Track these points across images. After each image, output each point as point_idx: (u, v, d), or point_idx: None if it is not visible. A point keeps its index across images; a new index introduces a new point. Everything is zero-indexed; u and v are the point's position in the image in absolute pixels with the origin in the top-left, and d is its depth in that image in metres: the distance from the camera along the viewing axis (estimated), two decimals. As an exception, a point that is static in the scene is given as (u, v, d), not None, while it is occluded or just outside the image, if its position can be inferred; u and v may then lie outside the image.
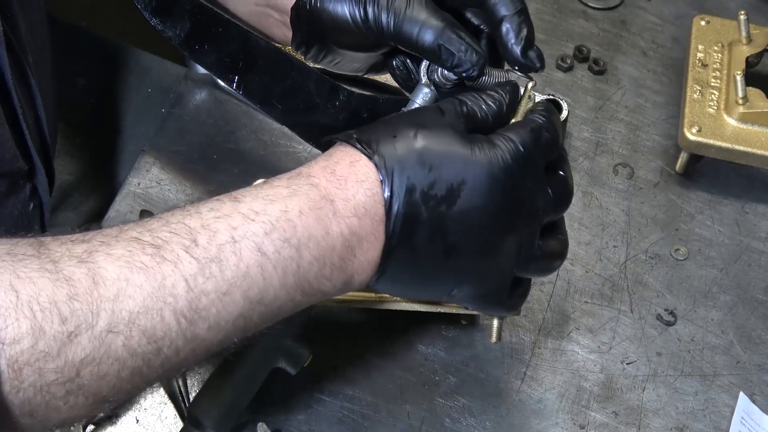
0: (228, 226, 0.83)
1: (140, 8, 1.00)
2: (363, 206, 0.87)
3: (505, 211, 0.90)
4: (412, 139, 0.88)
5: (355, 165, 0.87)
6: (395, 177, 0.87)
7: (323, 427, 1.09)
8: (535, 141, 0.91)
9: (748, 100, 1.28)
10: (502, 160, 0.89)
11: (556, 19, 1.47)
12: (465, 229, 0.89)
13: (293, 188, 0.86)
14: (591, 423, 1.12)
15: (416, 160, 0.87)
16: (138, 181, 1.26)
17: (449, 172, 0.88)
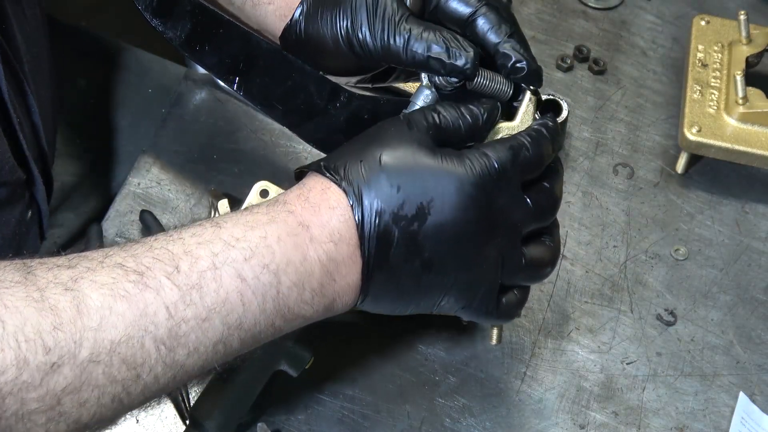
0: (209, 252, 0.84)
1: (141, 9, 1.00)
2: (338, 232, 0.88)
3: (478, 224, 0.91)
4: (378, 161, 0.89)
5: (326, 192, 0.89)
6: (364, 201, 0.88)
7: (323, 427, 1.09)
8: (512, 158, 0.92)
9: (748, 100, 1.28)
10: (471, 174, 0.90)
11: (556, 19, 1.47)
12: (439, 244, 0.90)
13: (272, 215, 0.88)
14: (591, 423, 1.12)
15: (383, 182, 0.89)
16: (138, 181, 1.26)
17: (417, 190, 0.89)
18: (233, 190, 1.23)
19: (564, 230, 1.26)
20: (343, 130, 1.06)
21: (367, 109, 1.05)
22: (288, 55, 1.04)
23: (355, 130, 1.05)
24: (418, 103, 1.02)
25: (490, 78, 1.01)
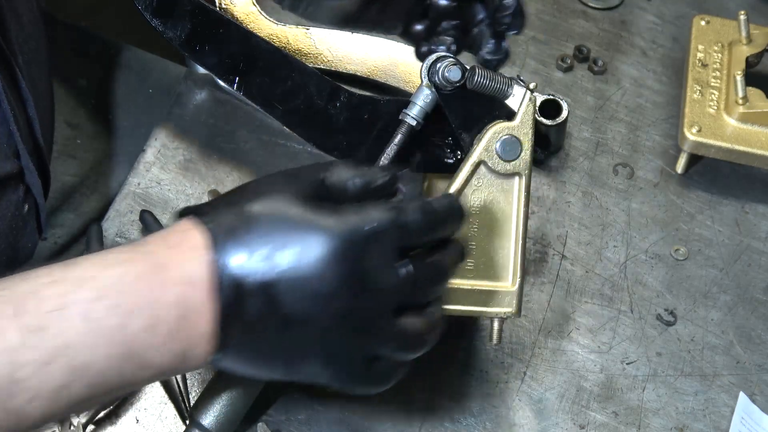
0: (57, 292, 0.80)
1: (140, 9, 1.00)
2: (194, 274, 0.83)
3: (341, 284, 0.85)
4: (248, 207, 0.86)
5: (187, 233, 0.85)
6: (226, 245, 0.84)
7: (323, 427, 1.09)
8: (391, 221, 0.87)
9: (748, 100, 1.28)
10: (339, 230, 0.85)
11: (556, 19, 1.47)
12: (299, 300, 0.85)
13: (129, 254, 0.84)
14: (591, 423, 1.12)
15: (249, 232, 0.84)
16: (138, 181, 1.26)
17: (280, 241, 0.85)
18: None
19: (564, 230, 1.26)
20: (344, 130, 1.06)
21: (367, 109, 1.05)
22: (289, 54, 1.04)
23: (355, 130, 1.05)
24: (419, 103, 1.02)
25: (490, 77, 1.01)
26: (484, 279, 1.04)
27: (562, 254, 1.24)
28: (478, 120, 1.04)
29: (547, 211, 1.28)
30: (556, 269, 1.23)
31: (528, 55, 1.43)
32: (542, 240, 1.25)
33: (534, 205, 1.28)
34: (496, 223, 1.03)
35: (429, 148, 1.07)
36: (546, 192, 1.30)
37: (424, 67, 1.03)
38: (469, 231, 1.03)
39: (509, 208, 1.03)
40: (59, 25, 1.44)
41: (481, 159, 1.02)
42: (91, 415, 1.06)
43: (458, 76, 1.02)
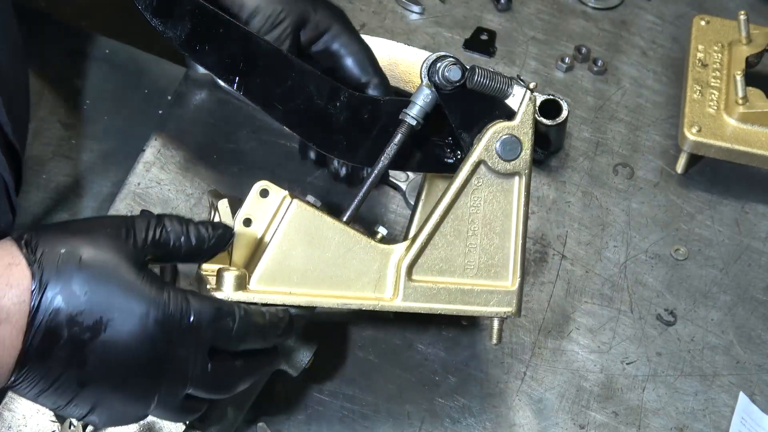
0: None
1: (140, 9, 1.00)
2: (7, 311, 0.84)
3: (147, 363, 0.88)
4: (78, 258, 0.86)
5: (11, 268, 0.85)
6: (47, 292, 0.85)
7: (323, 427, 1.09)
8: (211, 319, 0.90)
9: (748, 100, 1.28)
10: (161, 311, 0.88)
11: (556, 19, 1.47)
12: (102, 364, 0.87)
13: None
14: (591, 423, 1.12)
15: (74, 282, 0.85)
16: (138, 181, 1.26)
17: (102, 304, 0.86)
18: (233, 190, 1.22)
19: (564, 230, 1.26)
20: (343, 130, 1.06)
21: (367, 109, 1.05)
22: (288, 55, 1.04)
23: (355, 129, 1.05)
24: (418, 103, 1.02)
25: (490, 77, 1.01)
26: (484, 279, 1.04)
27: (562, 254, 1.24)
28: (478, 119, 1.04)
29: (547, 211, 1.28)
30: (556, 269, 1.23)
31: (528, 55, 1.43)
32: (542, 240, 1.25)
33: (534, 205, 1.28)
34: (496, 222, 1.03)
35: (429, 148, 1.07)
36: (546, 192, 1.30)
37: (424, 67, 1.03)
38: (469, 231, 1.03)
39: (509, 207, 1.03)
40: (56, 25, 1.45)
41: (481, 158, 1.02)
42: (90, 415, 1.06)
43: (458, 76, 1.02)
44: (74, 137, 1.39)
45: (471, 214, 1.03)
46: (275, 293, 0.99)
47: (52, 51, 1.29)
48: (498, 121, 1.02)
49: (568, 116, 1.29)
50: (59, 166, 1.36)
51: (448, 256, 1.03)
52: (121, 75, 1.45)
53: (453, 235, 1.03)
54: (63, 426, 1.05)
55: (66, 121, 1.39)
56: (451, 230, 1.03)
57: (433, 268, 1.03)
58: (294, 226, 1.00)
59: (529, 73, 1.41)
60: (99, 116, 1.41)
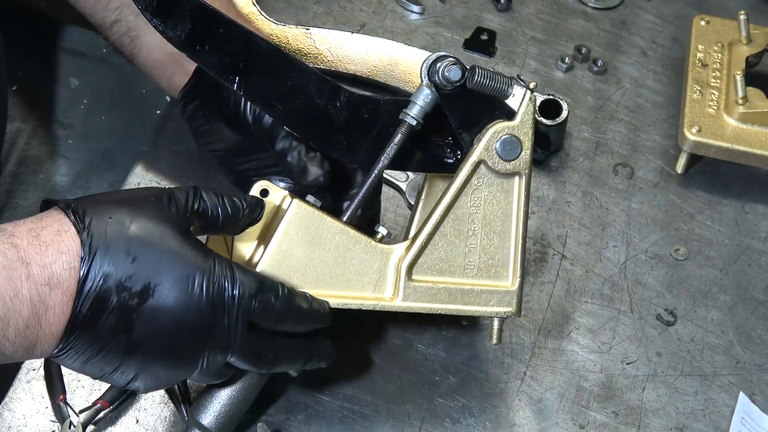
0: None
1: (140, 9, 1.00)
2: (57, 277, 0.86)
3: (191, 329, 0.90)
4: (126, 226, 0.87)
5: (61, 234, 0.87)
6: (96, 258, 0.86)
7: (323, 427, 1.09)
8: (254, 292, 0.92)
9: (748, 100, 1.28)
10: (207, 277, 0.90)
11: (556, 19, 1.47)
12: (151, 330, 0.89)
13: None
14: (591, 423, 1.12)
15: (122, 248, 0.87)
16: (138, 181, 1.26)
17: (150, 269, 0.88)
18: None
19: (564, 230, 1.26)
20: (343, 130, 1.06)
21: (367, 109, 1.06)
22: (289, 54, 1.04)
23: (355, 129, 1.05)
24: (418, 103, 1.02)
25: (490, 77, 1.01)
26: (484, 278, 1.04)
27: (562, 254, 1.24)
28: (478, 119, 1.04)
29: (547, 211, 1.28)
30: (556, 269, 1.23)
31: (528, 55, 1.43)
32: (542, 240, 1.25)
33: (534, 205, 1.28)
34: (496, 222, 1.03)
35: (429, 148, 1.07)
36: (546, 192, 1.30)
37: (424, 67, 1.03)
38: (469, 231, 1.03)
39: (509, 207, 1.04)
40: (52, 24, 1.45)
41: (481, 158, 1.02)
42: (91, 415, 1.06)
43: (458, 76, 1.01)
44: (72, 137, 1.39)
45: (471, 214, 1.03)
46: None
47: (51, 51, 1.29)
48: (498, 120, 1.02)
49: (568, 116, 1.29)
50: (57, 165, 1.36)
51: (448, 256, 1.03)
52: (118, 75, 1.45)
53: (453, 235, 1.03)
54: (63, 426, 1.05)
55: (64, 121, 1.40)
56: (451, 230, 1.03)
57: (433, 268, 1.03)
58: (294, 225, 1.00)
59: (529, 73, 1.41)
60: (97, 116, 1.41)
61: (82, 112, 1.41)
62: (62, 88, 1.41)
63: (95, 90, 1.43)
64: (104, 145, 1.39)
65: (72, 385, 1.08)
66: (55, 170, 1.35)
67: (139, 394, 1.07)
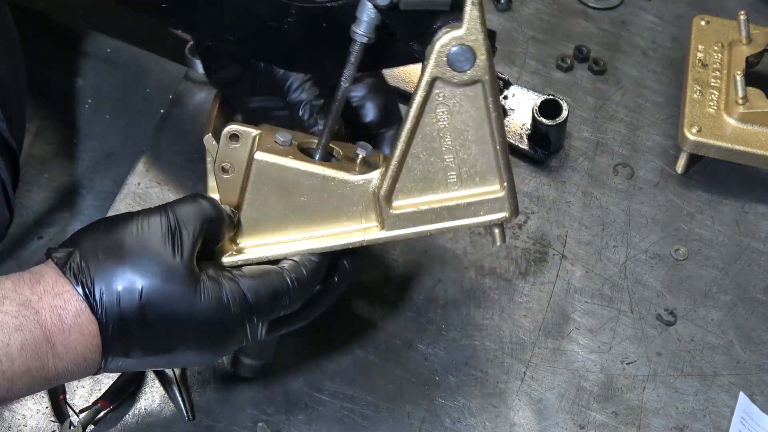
0: None
1: None
2: (83, 356, 0.90)
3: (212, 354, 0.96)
4: (137, 295, 0.90)
5: (80, 317, 0.89)
6: (115, 338, 0.90)
7: (323, 427, 1.09)
8: (269, 308, 0.95)
9: (748, 100, 1.28)
10: (223, 323, 0.93)
11: (556, 19, 1.47)
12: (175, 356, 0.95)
13: (20, 321, 0.88)
14: (591, 423, 1.12)
15: (136, 320, 0.90)
16: (138, 181, 1.26)
17: (166, 332, 0.92)
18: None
19: (564, 230, 1.26)
20: (304, 45, 1.01)
21: (325, 19, 1.00)
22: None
23: (316, 42, 1.00)
24: (364, 19, 0.95)
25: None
26: (470, 188, 0.98)
27: (562, 254, 1.24)
28: (427, 26, 0.94)
29: (547, 211, 1.28)
30: (556, 269, 1.23)
31: (528, 55, 1.43)
32: (542, 240, 1.25)
33: (534, 205, 1.28)
34: (469, 131, 0.96)
35: (397, 44, 1.01)
36: (546, 192, 1.30)
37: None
38: (442, 146, 0.97)
39: (479, 113, 0.95)
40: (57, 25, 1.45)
41: (435, 76, 0.93)
42: (91, 415, 1.06)
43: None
44: (75, 136, 1.39)
45: (439, 130, 0.96)
46: (263, 245, 0.98)
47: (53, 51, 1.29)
48: (444, 30, 0.92)
49: (568, 116, 1.29)
50: (61, 165, 1.36)
51: (426, 176, 0.97)
52: (123, 74, 1.45)
53: (426, 154, 0.96)
54: (63, 426, 1.05)
55: (67, 121, 1.40)
56: (422, 150, 0.96)
57: (413, 191, 0.98)
58: (261, 179, 0.98)
59: (529, 73, 1.41)
60: (100, 116, 1.41)
61: (86, 112, 1.42)
62: (67, 88, 1.41)
63: (99, 90, 1.43)
64: (108, 144, 1.39)
65: (72, 385, 1.08)
66: (59, 170, 1.35)
67: (139, 394, 1.08)
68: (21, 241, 1.30)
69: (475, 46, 0.92)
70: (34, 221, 1.31)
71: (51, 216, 1.32)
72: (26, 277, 0.90)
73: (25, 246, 1.31)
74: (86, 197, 1.36)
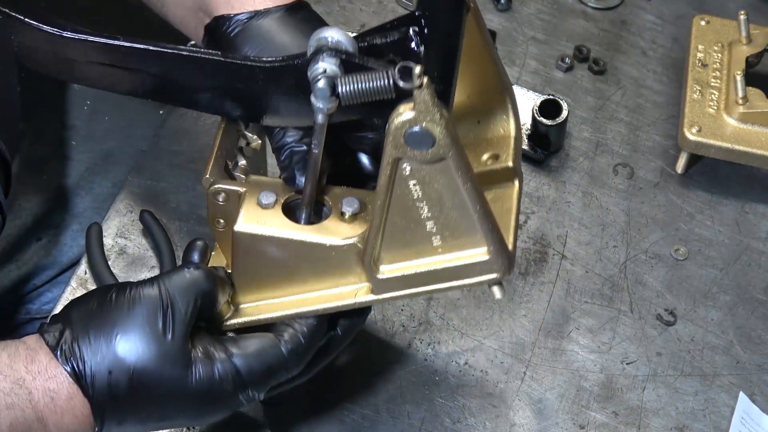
0: None
1: None
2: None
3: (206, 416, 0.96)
4: (128, 377, 0.90)
5: (72, 400, 0.90)
6: (107, 421, 0.91)
7: (323, 427, 1.09)
8: (265, 384, 0.95)
9: (748, 100, 1.28)
10: (214, 404, 0.93)
11: (556, 19, 1.47)
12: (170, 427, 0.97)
13: (12, 399, 0.88)
14: (591, 423, 1.12)
15: (128, 401, 0.90)
16: (138, 181, 1.26)
17: (158, 412, 0.92)
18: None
19: (564, 230, 1.26)
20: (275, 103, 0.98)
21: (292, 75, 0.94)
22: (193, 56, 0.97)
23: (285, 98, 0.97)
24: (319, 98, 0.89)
25: (358, 80, 0.86)
26: (456, 251, 0.93)
27: (562, 254, 1.24)
28: (382, 104, 0.87)
29: (547, 211, 1.28)
30: (556, 269, 1.23)
31: (528, 55, 1.43)
32: (542, 240, 1.25)
33: (534, 205, 1.28)
34: (445, 199, 0.90)
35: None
36: (546, 192, 1.30)
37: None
38: (420, 214, 0.91)
39: (452, 183, 0.89)
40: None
41: (396, 156, 0.87)
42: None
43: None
44: (75, 138, 1.39)
45: (414, 200, 0.90)
46: (262, 304, 0.98)
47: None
48: (396, 111, 0.84)
49: (568, 116, 1.29)
50: (60, 166, 1.36)
51: (409, 242, 0.93)
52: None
53: (405, 223, 0.91)
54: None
55: (66, 122, 1.40)
56: (400, 219, 0.91)
57: (398, 257, 0.94)
58: (245, 248, 0.96)
59: (529, 73, 1.41)
60: (99, 117, 1.41)
61: (85, 113, 1.41)
62: (65, 90, 1.41)
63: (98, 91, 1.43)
64: (108, 145, 1.39)
65: (72, 385, 1.08)
66: (58, 171, 1.35)
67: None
68: (20, 243, 1.30)
69: (430, 127, 0.85)
70: (33, 223, 1.31)
71: (50, 217, 1.33)
72: (22, 353, 0.90)
73: (24, 247, 1.31)
74: (85, 199, 1.36)
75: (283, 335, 0.95)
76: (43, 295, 1.33)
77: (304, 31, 1.01)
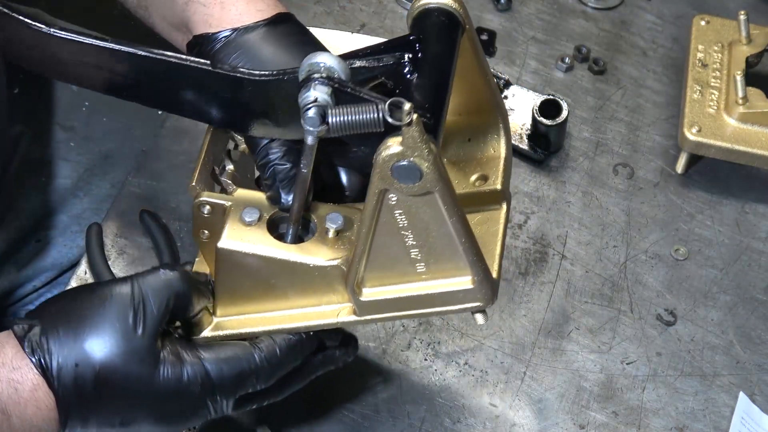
0: None
1: None
2: (38, 428, 0.90)
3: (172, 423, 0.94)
4: (93, 371, 0.89)
5: (37, 391, 0.89)
6: (71, 411, 0.90)
7: (323, 427, 1.09)
8: (235, 387, 0.94)
9: (748, 100, 1.28)
10: (182, 406, 0.92)
11: (556, 19, 1.47)
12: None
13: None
14: (591, 423, 1.12)
15: (93, 394, 0.89)
16: (138, 181, 1.26)
17: (123, 407, 0.91)
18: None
19: (564, 230, 1.26)
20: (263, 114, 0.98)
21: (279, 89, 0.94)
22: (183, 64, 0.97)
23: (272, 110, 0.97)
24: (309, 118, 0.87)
25: (349, 113, 0.85)
26: (441, 279, 0.93)
27: (562, 254, 1.24)
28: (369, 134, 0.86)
29: (547, 211, 1.28)
30: (556, 269, 1.23)
31: (528, 55, 1.43)
32: (542, 240, 1.25)
33: (534, 205, 1.28)
34: (431, 229, 0.90)
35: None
36: (546, 192, 1.30)
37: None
38: (405, 241, 0.91)
39: (438, 214, 0.88)
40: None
41: (382, 188, 0.86)
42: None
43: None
44: (73, 139, 1.39)
45: (400, 229, 0.90)
46: (243, 318, 0.97)
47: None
48: (384, 144, 0.84)
49: (568, 116, 1.29)
50: (59, 168, 1.36)
51: (393, 267, 0.92)
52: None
53: (390, 250, 0.91)
54: (62, 426, 1.05)
55: (65, 123, 1.39)
56: (384, 246, 0.91)
57: (381, 281, 0.93)
58: (228, 264, 0.95)
59: (529, 73, 1.41)
60: (98, 118, 1.41)
61: (83, 115, 1.41)
62: (64, 91, 1.41)
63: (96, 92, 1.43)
64: (106, 146, 1.39)
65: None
66: (57, 173, 1.35)
67: None
68: (19, 244, 1.30)
69: (418, 162, 0.84)
70: (32, 224, 1.31)
71: (49, 219, 1.32)
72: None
73: (23, 249, 1.31)
74: (84, 200, 1.36)
75: (259, 344, 0.95)
76: (43, 296, 1.33)
77: (286, 46, 1.01)
